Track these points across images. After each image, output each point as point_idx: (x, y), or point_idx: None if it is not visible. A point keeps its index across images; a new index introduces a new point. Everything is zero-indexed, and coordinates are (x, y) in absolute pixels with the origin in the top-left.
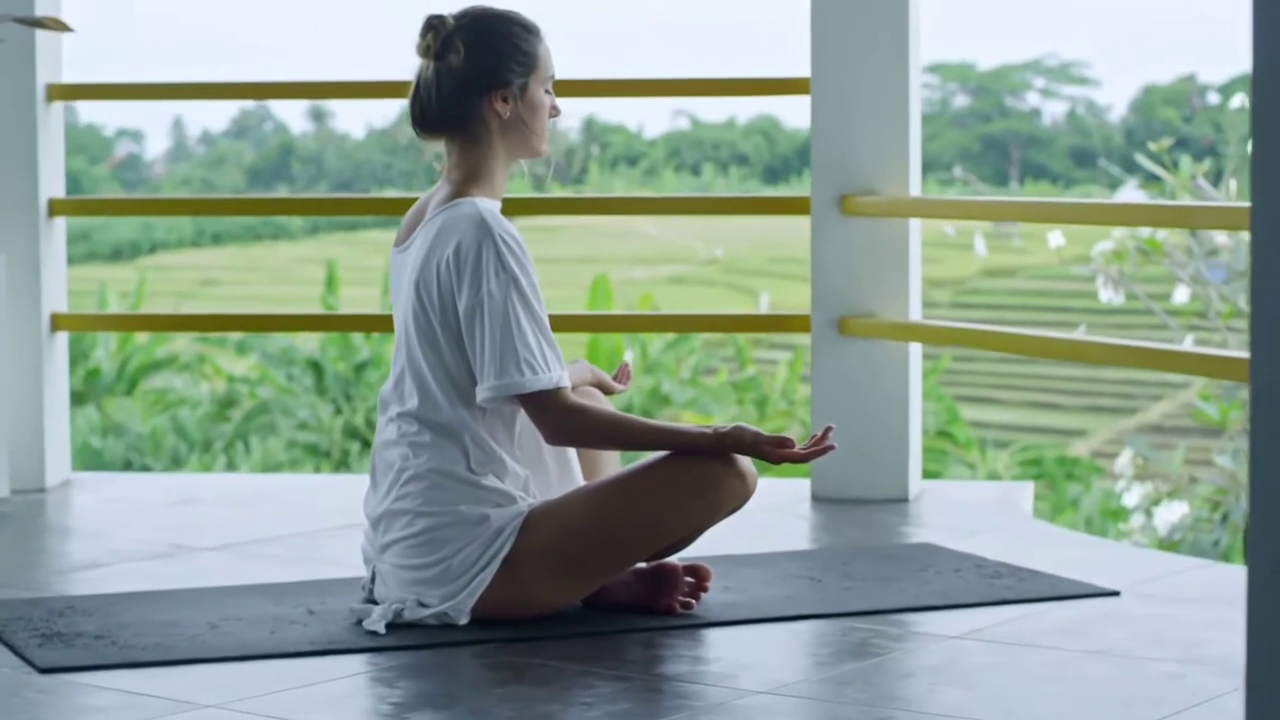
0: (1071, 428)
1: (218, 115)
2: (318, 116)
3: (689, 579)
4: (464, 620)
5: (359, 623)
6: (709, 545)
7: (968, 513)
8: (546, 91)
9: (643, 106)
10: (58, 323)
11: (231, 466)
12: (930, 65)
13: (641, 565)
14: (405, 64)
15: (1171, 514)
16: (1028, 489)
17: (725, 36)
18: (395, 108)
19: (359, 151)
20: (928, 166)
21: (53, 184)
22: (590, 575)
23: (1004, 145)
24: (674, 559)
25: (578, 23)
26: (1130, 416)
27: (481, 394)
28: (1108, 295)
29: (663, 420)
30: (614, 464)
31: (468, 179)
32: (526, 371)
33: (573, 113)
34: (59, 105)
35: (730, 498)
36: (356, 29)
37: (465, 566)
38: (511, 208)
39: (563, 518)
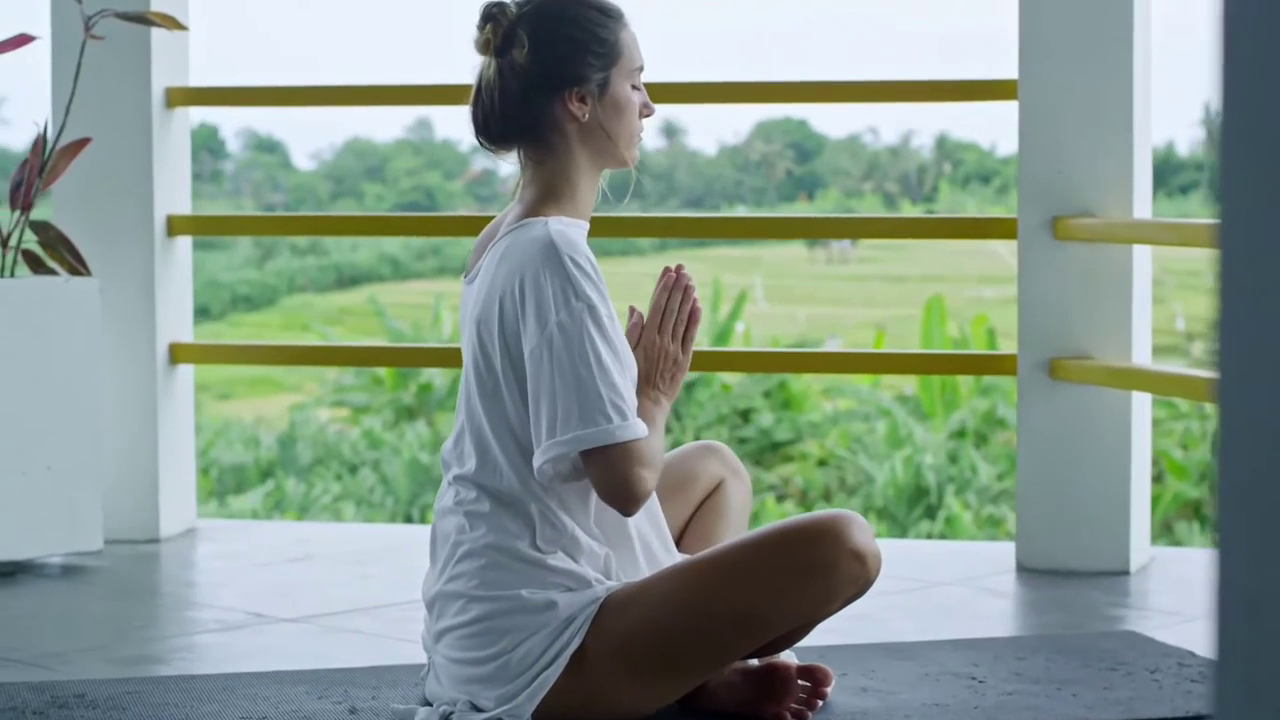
0: None
1: None
2: (670, 133)
3: (804, 682)
4: None
5: None
6: (867, 629)
7: (1197, 590)
8: (635, 87)
9: (997, 124)
10: (177, 354)
11: None
12: None
13: (752, 662)
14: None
15: None
16: None
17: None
18: (747, 123)
19: (710, 168)
20: None
21: (173, 199)
22: (678, 675)
23: None
24: (791, 654)
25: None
26: None
27: (553, 449)
28: None
29: None
30: (733, 532)
31: (543, 196)
32: (615, 417)
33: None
34: (182, 112)
35: (845, 584)
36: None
37: (527, 662)
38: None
39: (644, 605)
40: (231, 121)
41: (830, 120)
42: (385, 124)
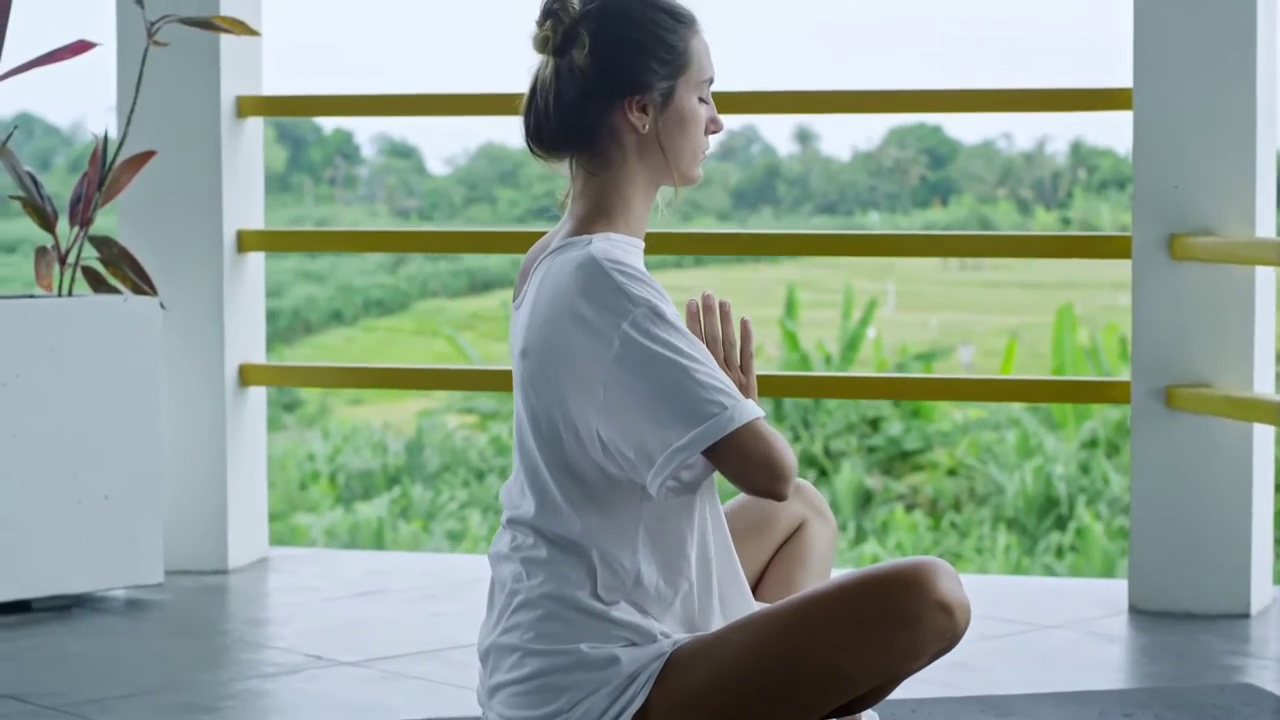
0: None
1: None
2: (803, 139)
3: None
4: None
5: None
6: (965, 679)
7: None
8: (703, 100)
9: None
10: (248, 376)
11: None
12: None
13: None
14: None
15: None
16: None
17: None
18: (881, 129)
19: (844, 174)
20: None
21: (245, 213)
22: None
23: None
24: (874, 715)
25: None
26: None
27: (674, 459)
28: None
29: None
30: (816, 579)
31: (594, 211)
32: (726, 402)
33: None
34: (255, 121)
35: (931, 638)
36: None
37: None
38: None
39: (713, 660)
40: (366, 127)
41: (964, 126)
42: (519, 130)
